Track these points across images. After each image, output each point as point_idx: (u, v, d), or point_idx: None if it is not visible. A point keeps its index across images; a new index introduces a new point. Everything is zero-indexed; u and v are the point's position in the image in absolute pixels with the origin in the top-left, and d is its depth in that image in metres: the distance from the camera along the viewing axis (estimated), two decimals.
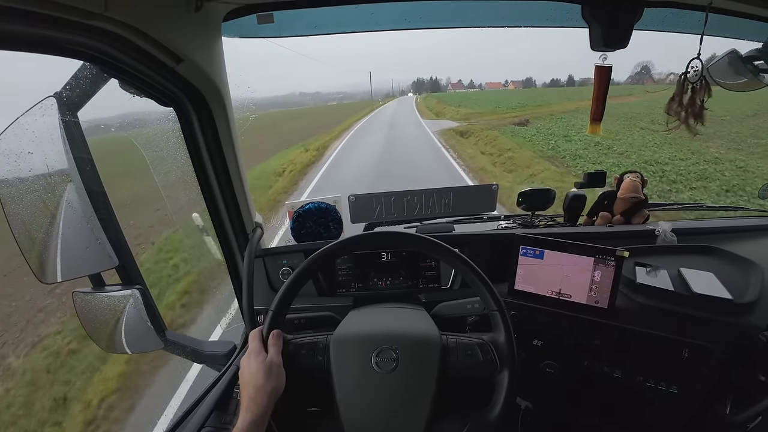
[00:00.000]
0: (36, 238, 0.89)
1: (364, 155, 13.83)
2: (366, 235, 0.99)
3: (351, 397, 0.81)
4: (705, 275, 1.09)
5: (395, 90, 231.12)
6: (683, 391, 1.03)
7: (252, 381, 0.77)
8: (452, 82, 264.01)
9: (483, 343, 0.86)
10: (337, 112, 53.89)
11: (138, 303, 1.01)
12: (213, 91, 0.96)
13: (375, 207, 1.41)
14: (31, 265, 0.87)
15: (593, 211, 1.60)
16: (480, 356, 0.84)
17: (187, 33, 0.83)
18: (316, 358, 0.85)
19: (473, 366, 0.84)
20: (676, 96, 1.06)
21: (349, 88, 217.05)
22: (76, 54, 0.71)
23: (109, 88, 0.88)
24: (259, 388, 0.76)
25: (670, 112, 1.08)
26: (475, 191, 1.47)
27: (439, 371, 0.82)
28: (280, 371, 0.81)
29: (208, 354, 1.19)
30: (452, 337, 0.87)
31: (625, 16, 1.05)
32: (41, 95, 0.84)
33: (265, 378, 0.77)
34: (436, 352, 0.84)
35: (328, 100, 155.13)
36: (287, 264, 1.31)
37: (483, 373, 0.84)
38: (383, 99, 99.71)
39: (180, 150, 1.05)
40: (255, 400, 0.75)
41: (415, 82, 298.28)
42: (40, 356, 3.82)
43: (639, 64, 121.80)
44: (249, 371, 0.79)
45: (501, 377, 0.83)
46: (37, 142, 0.86)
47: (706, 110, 1.05)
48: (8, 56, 0.69)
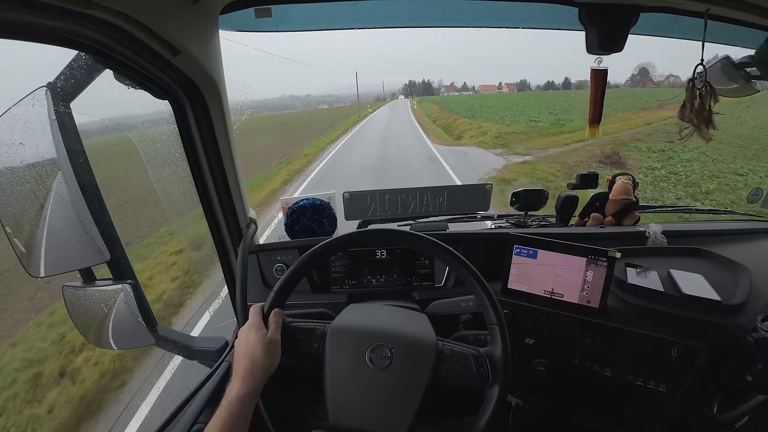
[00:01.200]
0: (26, 230, 0.88)
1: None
2: (391, 230, 1.01)
3: (341, 388, 0.81)
4: (694, 277, 1.10)
5: (386, 93, 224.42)
6: (672, 390, 1.05)
7: (250, 354, 0.77)
8: (445, 85, 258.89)
9: (479, 355, 0.86)
10: (313, 122, 37.85)
11: (129, 298, 1.00)
12: (209, 84, 0.95)
13: (369, 204, 1.41)
14: (21, 258, 0.85)
15: (585, 212, 1.62)
16: (474, 368, 0.84)
17: (184, 25, 0.82)
18: (311, 344, 0.86)
19: (465, 376, 0.84)
20: (687, 102, 1.08)
21: (340, 90, 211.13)
22: (72, 44, 0.70)
23: (103, 79, 0.87)
24: (256, 361, 0.77)
25: (684, 119, 1.09)
26: (469, 190, 1.47)
27: (430, 376, 0.82)
28: (277, 350, 0.81)
29: (199, 350, 1.18)
30: (448, 345, 0.88)
31: (621, 21, 1.07)
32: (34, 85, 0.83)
33: (263, 353, 0.78)
34: (431, 357, 0.84)
35: (318, 103, 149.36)
36: (281, 260, 1.30)
37: (474, 385, 0.84)
38: (372, 105, 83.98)
39: (174, 143, 1.04)
40: (252, 373, 0.75)
41: (406, 85, 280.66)
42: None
43: (638, 67, 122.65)
44: (248, 343, 0.79)
45: (491, 392, 0.83)
46: (29, 133, 0.85)
47: (716, 114, 1.06)
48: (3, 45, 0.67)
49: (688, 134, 1.11)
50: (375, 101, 57.86)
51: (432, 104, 55.81)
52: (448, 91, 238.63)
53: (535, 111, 29.21)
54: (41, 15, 0.58)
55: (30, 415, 3.00)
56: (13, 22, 0.58)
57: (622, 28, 1.08)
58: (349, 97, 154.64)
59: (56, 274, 0.90)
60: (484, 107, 37.73)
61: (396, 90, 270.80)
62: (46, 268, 0.88)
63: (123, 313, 1.01)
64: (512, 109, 32.37)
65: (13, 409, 3.08)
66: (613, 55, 1.12)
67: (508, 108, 34.35)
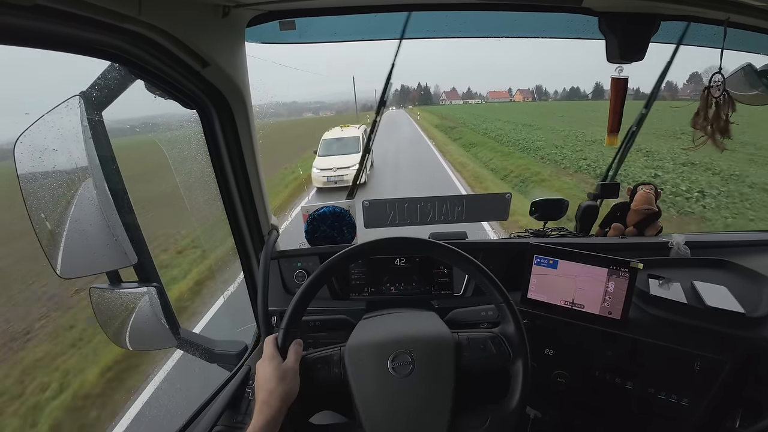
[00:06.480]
0: (56, 233, 0.91)
1: None
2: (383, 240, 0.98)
3: (371, 404, 0.82)
4: (718, 288, 1.08)
5: (376, 100, 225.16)
6: (694, 403, 1.03)
7: (265, 385, 0.79)
8: (445, 92, 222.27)
9: (494, 336, 0.88)
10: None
11: (154, 300, 1.02)
12: (236, 94, 0.98)
13: (389, 212, 1.42)
14: (50, 259, 0.88)
15: (606, 222, 1.60)
16: (493, 349, 0.86)
17: (213, 38, 0.85)
18: (332, 371, 0.86)
19: (487, 359, 0.86)
20: (701, 110, 1.07)
21: (328, 97, 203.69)
22: (107, 55, 0.73)
23: (134, 89, 0.90)
24: (271, 391, 0.78)
25: (697, 127, 1.08)
26: (488, 199, 1.47)
27: (455, 368, 0.83)
28: (295, 377, 0.82)
29: (219, 353, 1.20)
30: (463, 334, 0.89)
31: (642, 29, 1.07)
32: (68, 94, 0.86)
33: (278, 382, 0.79)
34: (450, 351, 0.85)
35: (303, 110, 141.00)
36: (302, 267, 1.32)
37: (497, 365, 0.86)
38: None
39: (201, 151, 1.07)
40: (268, 403, 0.77)
41: (398, 91, 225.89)
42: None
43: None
44: (263, 375, 0.81)
45: (516, 367, 0.85)
46: (62, 139, 0.88)
47: (732, 124, 1.05)
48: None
49: (701, 142, 1.09)
50: (362, 110, 46.84)
51: (451, 126, 32.22)
52: (449, 98, 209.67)
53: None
54: (79, 27, 0.61)
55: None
56: (53, 34, 0.61)
57: (642, 37, 1.07)
58: (336, 104, 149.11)
59: (84, 276, 0.93)
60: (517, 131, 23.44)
61: (386, 98, 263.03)
62: (75, 270, 0.91)
63: (147, 315, 1.04)
64: (566, 137, 19.54)
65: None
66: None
67: (561, 133, 21.33)
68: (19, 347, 4.11)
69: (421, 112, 72.97)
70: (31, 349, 4.07)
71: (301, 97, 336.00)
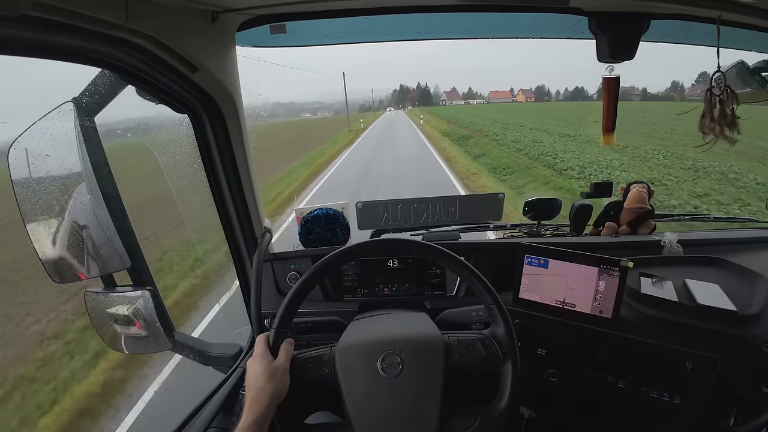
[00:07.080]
0: (50, 237, 0.91)
1: None
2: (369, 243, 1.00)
3: (360, 404, 0.82)
4: (710, 287, 1.09)
5: (374, 100, 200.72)
6: (687, 402, 1.03)
7: (255, 383, 0.80)
8: (446, 92, 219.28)
9: (484, 337, 0.88)
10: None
11: (148, 304, 1.03)
12: (226, 98, 0.99)
13: (382, 214, 1.42)
14: (44, 264, 0.89)
15: (599, 221, 1.60)
16: (482, 351, 0.86)
17: (203, 43, 0.86)
18: (322, 370, 0.87)
19: (477, 361, 0.86)
20: (707, 113, 1.07)
21: (326, 97, 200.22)
22: (97, 62, 0.74)
23: (125, 94, 0.91)
24: (260, 389, 0.79)
25: (705, 130, 1.08)
26: (481, 200, 1.47)
27: (444, 370, 0.83)
28: (285, 375, 0.83)
29: (214, 356, 1.21)
30: (453, 336, 0.89)
31: (632, 28, 1.07)
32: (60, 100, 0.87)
33: (267, 379, 0.80)
34: (440, 352, 0.85)
35: (301, 111, 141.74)
36: (295, 269, 1.33)
37: (487, 367, 0.86)
38: (362, 117, 62.11)
39: (193, 155, 1.08)
40: (257, 401, 0.78)
41: (397, 91, 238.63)
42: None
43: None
44: (254, 373, 0.81)
45: (505, 368, 0.85)
46: (55, 145, 0.89)
47: (738, 118, 1.05)
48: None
49: (712, 142, 1.09)
50: (359, 111, 40.66)
51: (470, 134, 23.65)
52: (450, 98, 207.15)
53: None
54: (67, 36, 0.62)
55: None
56: (42, 43, 0.62)
57: (633, 36, 1.08)
58: (335, 104, 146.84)
59: (78, 280, 0.93)
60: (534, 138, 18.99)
61: (384, 97, 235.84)
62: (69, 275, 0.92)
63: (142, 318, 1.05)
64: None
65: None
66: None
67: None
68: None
69: (425, 114, 62.08)
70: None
71: (300, 97, 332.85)
